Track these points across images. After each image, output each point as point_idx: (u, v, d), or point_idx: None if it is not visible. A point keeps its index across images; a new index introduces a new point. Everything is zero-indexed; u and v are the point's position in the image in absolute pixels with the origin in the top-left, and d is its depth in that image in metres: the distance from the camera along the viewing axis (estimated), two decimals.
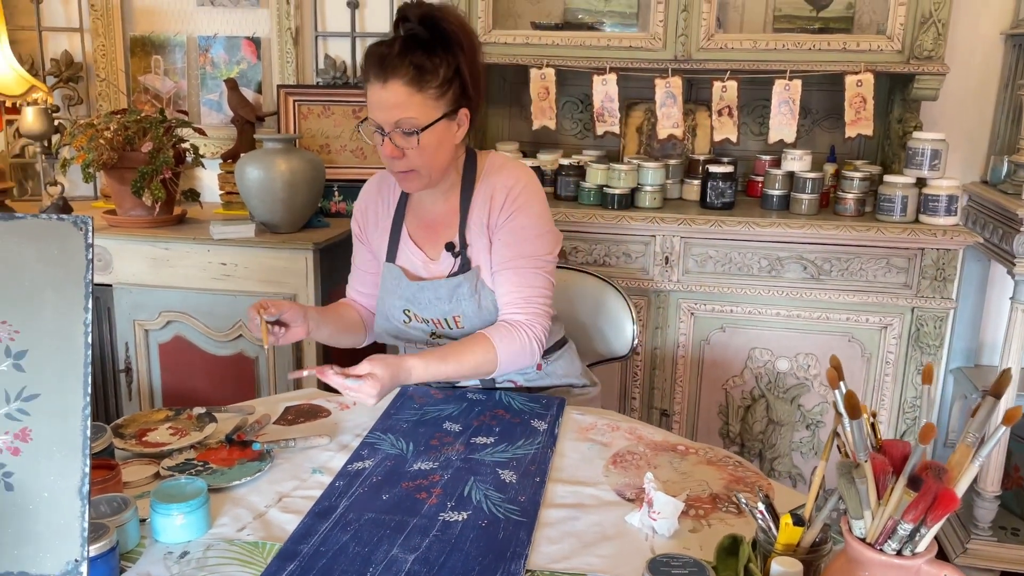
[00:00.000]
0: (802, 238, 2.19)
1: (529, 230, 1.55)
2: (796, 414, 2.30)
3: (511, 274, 1.55)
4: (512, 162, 1.62)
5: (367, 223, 1.69)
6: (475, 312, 1.58)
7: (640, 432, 1.47)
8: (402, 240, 1.64)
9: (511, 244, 1.55)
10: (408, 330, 1.64)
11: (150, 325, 2.46)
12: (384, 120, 1.45)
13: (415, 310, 1.61)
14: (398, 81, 1.41)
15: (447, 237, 1.60)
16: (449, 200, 1.61)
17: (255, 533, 1.13)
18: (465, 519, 1.15)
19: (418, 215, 1.64)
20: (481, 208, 1.57)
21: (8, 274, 0.89)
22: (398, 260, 1.64)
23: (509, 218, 1.54)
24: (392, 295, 1.63)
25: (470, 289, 1.57)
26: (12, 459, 0.90)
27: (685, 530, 1.15)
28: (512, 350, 1.51)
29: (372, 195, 1.70)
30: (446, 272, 1.59)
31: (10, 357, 0.90)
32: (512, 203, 1.55)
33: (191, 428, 1.42)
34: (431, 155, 1.48)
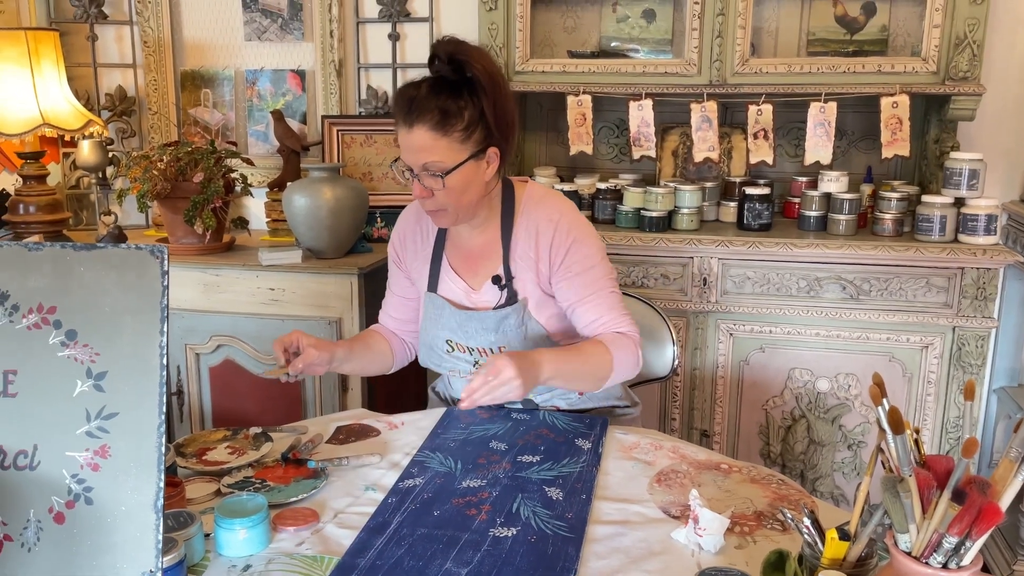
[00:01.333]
0: (840, 259, 2.21)
1: (593, 258, 1.58)
2: (837, 434, 2.30)
3: (595, 300, 1.57)
4: (550, 193, 1.65)
5: (405, 251, 1.72)
6: (520, 343, 1.60)
7: (683, 451, 1.49)
8: (443, 270, 1.66)
9: (582, 274, 1.57)
10: (450, 359, 1.66)
11: (201, 349, 2.53)
12: (412, 162, 1.48)
13: (459, 339, 1.64)
14: (423, 125, 1.45)
15: (489, 268, 1.63)
16: (488, 232, 1.63)
17: (313, 547, 1.17)
18: (514, 535, 1.19)
19: (457, 245, 1.67)
20: (526, 241, 1.59)
21: (90, 300, 0.96)
22: (440, 290, 1.66)
23: (569, 252, 1.57)
24: (435, 324, 1.65)
25: (517, 321, 1.60)
26: (92, 475, 0.96)
27: (731, 546, 1.17)
28: (623, 357, 1.53)
29: (411, 224, 1.72)
30: (491, 302, 1.62)
31: (91, 378, 0.96)
32: (566, 236, 1.57)
33: (248, 447, 1.48)
34: (459, 195, 1.51)
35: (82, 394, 0.96)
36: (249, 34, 2.91)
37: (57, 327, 0.96)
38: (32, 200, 2.63)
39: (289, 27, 2.88)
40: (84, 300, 0.96)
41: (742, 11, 2.32)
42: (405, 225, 1.73)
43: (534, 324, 1.61)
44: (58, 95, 2.61)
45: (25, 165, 2.65)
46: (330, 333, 2.43)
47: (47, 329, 0.95)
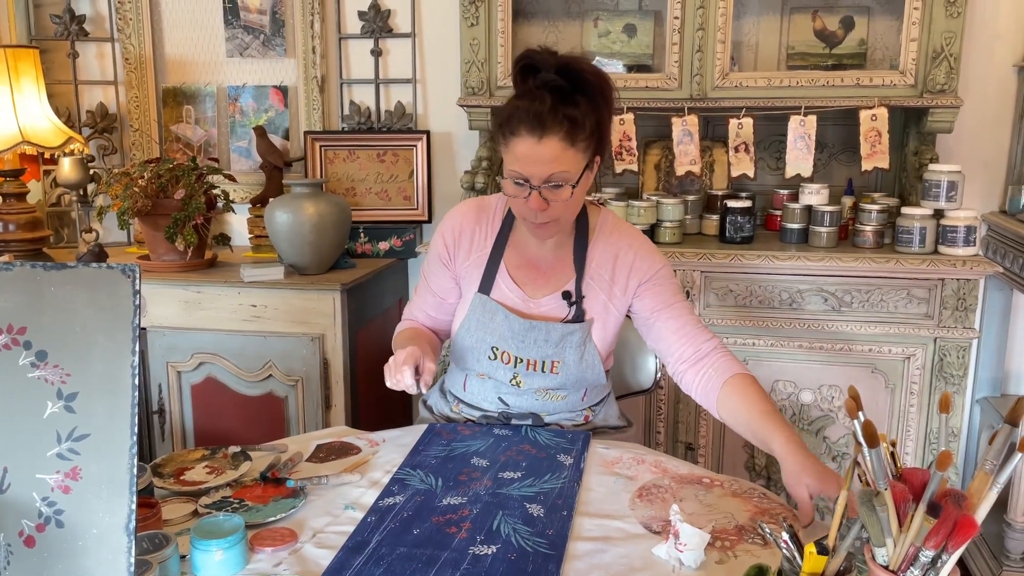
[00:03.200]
0: (822, 271, 2.22)
1: (671, 278, 1.63)
2: (822, 446, 2.30)
3: (678, 308, 1.59)
4: (623, 222, 1.68)
5: (459, 248, 1.66)
6: (576, 362, 1.60)
7: (665, 465, 1.49)
8: (499, 274, 1.63)
9: (663, 285, 1.60)
10: (488, 365, 1.63)
11: (183, 367, 2.52)
12: (536, 174, 1.44)
13: (509, 348, 1.60)
14: (554, 136, 1.41)
15: (554, 283, 1.62)
16: (560, 246, 1.62)
17: (291, 568, 1.16)
18: (494, 552, 1.18)
19: (519, 252, 1.64)
20: (604, 265, 1.60)
21: (61, 320, 0.95)
22: (492, 294, 1.62)
23: (655, 274, 1.60)
24: (483, 328, 1.61)
25: (580, 339, 1.59)
26: (63, 497, 0.94)
27: (712, 561, 1.17)
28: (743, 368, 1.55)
29: (470, 221, 1.66)
30: (553, 310, 1.61)
31: (62, 399, 0.94)
32: (650, 259, 1.61)
33: (226, 467, 1.46)
34: (575, 206, 1.52)
35: (52, 415, 0.95)
36: (231, 50, 2.91)
37: (27, 348, 0.95)
38: (12, 218, 2.61)
39: (271, 43, 2.88)
40: (55, 320, 0.95)
41: (722, 26, 2.34)
42: (463, 223, 1.67)
43: (592, 348, 1.61)
44: (38, 112, 2.60)
45: (5, 183, 2.63)
46: (313, 350, 2.42)
47: (16, 350, 0.94)
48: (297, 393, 2.47)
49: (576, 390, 1.65)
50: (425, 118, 2.85)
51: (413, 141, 2.79)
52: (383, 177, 2.83)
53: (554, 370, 1.60)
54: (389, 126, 2.85)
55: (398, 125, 2.84)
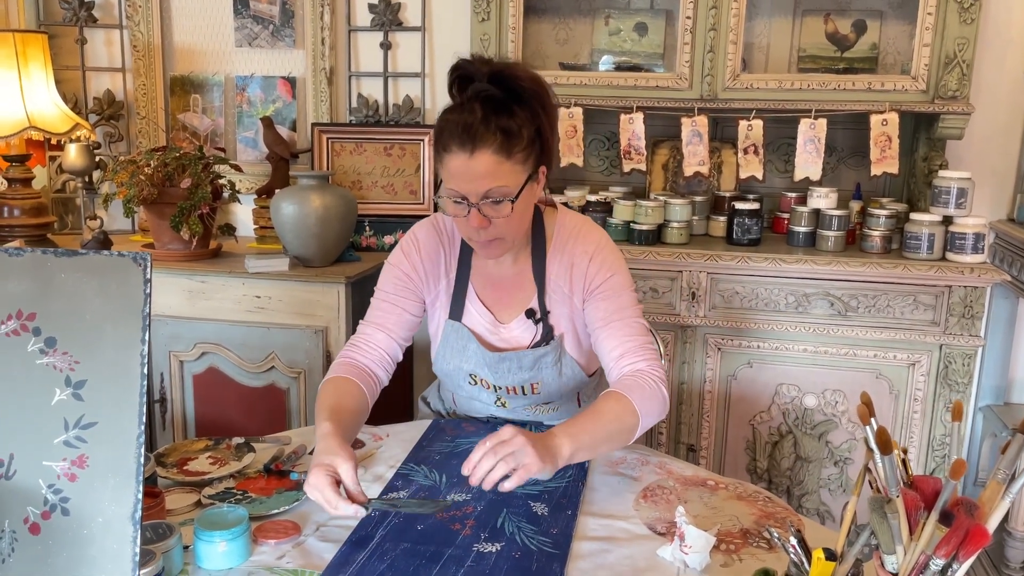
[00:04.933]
0: (829, 275, 2.21)
1: (623, 287, 1.50)
2: (824, 451, 2.30)
3: (618, 326, 1.46)
4: (583, 222, 1.57)
5: (424, 269, 1.55)
6: (554, 379, 1.55)
7: (670, 467, 1.48)
8: (468, 298, 1.55)
9: (611, 298, 1.48)
10: (470, 390, 1.61)
11: (185, 356, 2.51)
12: (471, 191, 1.35)
13: (486, 377, 1.56)
14: (487, 150, 1.32)
15: (519, 301, 1.54)
16: (519, 262, 1.54)
17: (294, 561, 1.16)
18: (499, 550, 1.17)
19: (483, 274, 1.56)
20: (561, 275, 1.51)
21: (71, 307, 0.94)
22: (464, 319, 1.56)
23: (604, 282, 1.48)
24: (458, 356, 1.56)
25: (554, 358, 1.54)
26: (69, 485, 0.94)
27: (716, 564, 1.16)
28: (647, 403, 1.38)
29: (433, 241, 1.56)
30: (521, 338, 1.54)
31: (70, 387, 0.94)
32: (601, 267, 1.49)
33: (230, 458, 1.46)
34: (518, 221, 1.42)
35: (60, 403, 0.94)
36: (240, 40, 2.90)
37: (36, 334, 0.94)
38: (17, 203, 2.60)
39: (280, 34, 2.87)
40: (64, 307, 0.94)
41: (733, 27, 2.33)
42: (427, 242, 1.56)
43: (569, 360, 1.55)
44: (45, 98, 2.59)
45: (10, 168, 2.62)
46: (316, 342, 2.41)
47: (25, 336, 0.94)
48: (299, 385, 2.46)
49: (567, 400, 1.64)
50: (433, 112, 2.83)
51: (420, 135, 2.79)
52: (389, 171, 2.82)
53: (535, 391, 1.57)
54: (397, 120, 2.84)
55: (406, 119, 2.83)
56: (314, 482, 1.19)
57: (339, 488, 1.19)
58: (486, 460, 1.19)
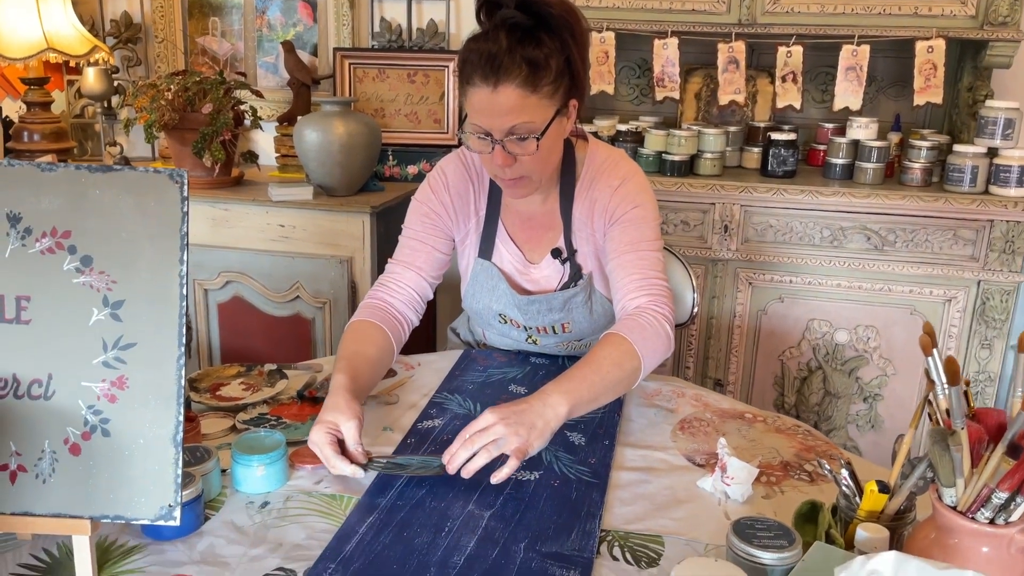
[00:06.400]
0: (866, 208, 2.15)
1: (645, 219, 1.42)
2: (854, 387, 2.27)
3: (630, 259, 1.39)
4: (613, 154, 1.48)
5: (453, 206, 1.50)
6: (585, 318, 1.52)
7: (706, 399, 1.46)
8: (498, 236, 1.50)
9: (629, 230, 1.40)
10: (501, 327, 1.58)
11: (209, 285, 2.50)
12: (495, 127, 1.28)
13: (516, 318, 1.53)
14: (511, 84, 1.24)
15: (549, 240, 1.50)
16: (548, 199, 1.48)
17: (332, 486, 1.15)
18: (537, 479, 1.16)
19: (514, 210, 1.50)
20: (586, 212, 1.45)
21: (106, 225, 0.91)
22: (494, 258, 1.51)
23: (626, 213, 1.41)
24: (488, 295, 1.53)
25: (583, 298, 1.50)
26: (109, 406, 0.92)
27: (758, 496, 1.15)
28: (649, 342, 1.31)
29: (462, 177, 1.50)
30: (550, 277, 1.50)
31: (108, 307, 0.92)
32: (624, 199, 1.41)
33: (262, 384, 1.45)
34: (545, 158, 1.34)
35: (98, 323, 0.92)
36: None
37: (72, 252, 0.91)
38: (37, 128, 2.57)
39: None
40: (100, 225, 0.91)
41: None
42: (455, 178, 1.50)
43: (599, 297, 1.51)
44: (63, 19, 2.52)
45: (29, 91, 2.57)
46: (341, 272, 2.39)
47: (61, 254, 0.91)
48: (324, 315, 2.45)
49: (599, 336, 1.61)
50: (458, 37, 2.75)
51: (445, 62, 2.71)
52: (413, 98, 2.75)
53: (566, 330, 1.54)
54: (420, 45, 2.76)
55: (430, 44, 2.75)
56: (315, 439, 1.15)
57: (340, 446, 1.15)
58: (463, 450, 1.12)
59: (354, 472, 1.13)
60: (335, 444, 1.15)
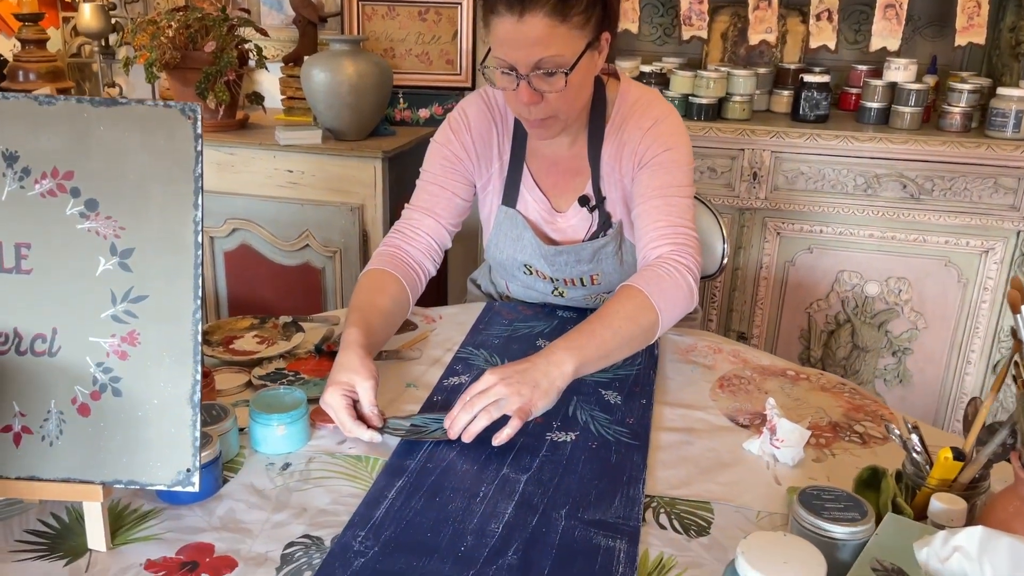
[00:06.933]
0: (903, 155, 2.06)
1: (678, 163, 1.32)
2: (883, 340, 2.20)
3: (657, 204, 1.29)
4: (646, 95, 1.37)
5: (475, 149, 1.40)
6: (615, 269, 1.44)
7: (744, 355, 1.39)
8: (523, 182, 1.41)
9: (658, 174, 1.30)
10: (525, 278, 1.50)
11: (215, 232, 2.41)
12: (521, 60, 1.18)
13: (543, 269, 1.45)
14: (538, 12, 1.14)
15: (576, 186, 1.40)
16: (576, 142, 1.38)
17: (356, 447, 1.08)
18: (573, 440, 1.10)
19: (540, 156, 1.41)
20: (615, 155, 1.35)
21: (112, 165, 0.82)
22: (518, 206, 1.42)
23: (657, 156, 1.31)
24: (513, 245, 1.44)
25: (613, 248, 1.41)
26: (120, 363, 0.85)
27: (808, 459, 1.08)
28: (668, 295, 1.22)
29: (484, 118, 1.40)
30: (577, 226, 1.42)
31: (116, 255, 0.84)
32: (655, 140, 1.31)
33: (277, 337, 1.37)
34: (575, 96, 1.24)
35: (106, 273, 0.84)
36: None
37: (75, 195, 0.83)
38: (32, 67, 2.45)
39: None
40: (105, 165, 0.83)
41: None
42: (477, 119, 1.40)
43: (629, 247, 1.42)
44: None
45: (23, 28, 2.45)
46: (352, 220, 2.30)
47: (63, 197, 0.83)
48: (335, 265, 2.37)
49: None
50: None
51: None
52: (424, 38, 2.63)
53: (594, 282, 1.47)
54: None
55: None
56: (329, 401, 1.07)
57: (355, 409, 1.08)
58: (463, 413, 1.05)
59: (371, 437, 1.07)
60: (351, 407, 1.08)
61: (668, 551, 0.90)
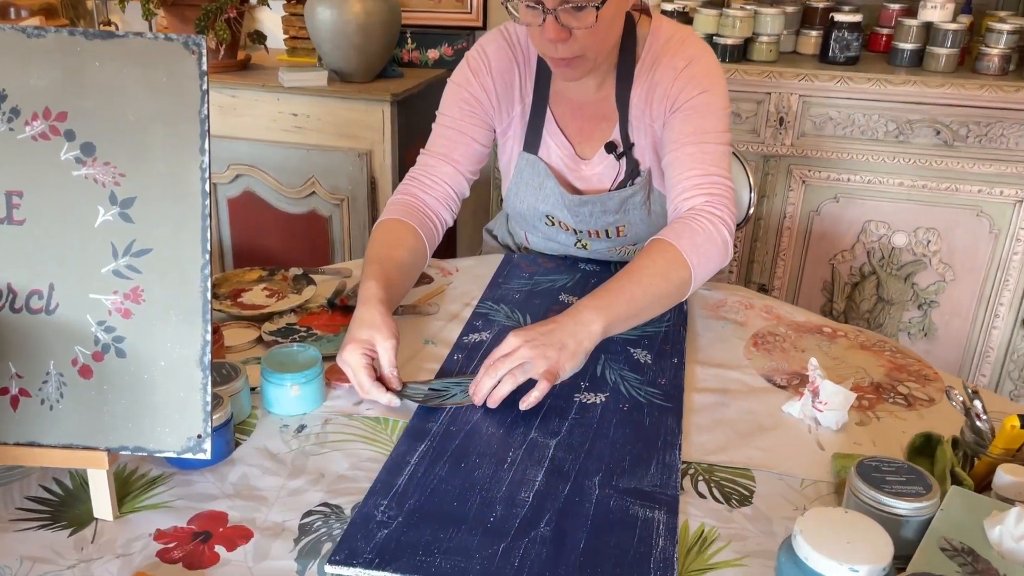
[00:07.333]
0: (938, 99, 1.96)
1: (713, 107, 1.23)
2: (909, 293, 2.14)
3: (691, 151, 1.21)
4: (679, 33, 1.27)
5: (495, 91, 1.31)
6: (643, 220, 1.36)
7: (777, 311, 1.32)
8: (546, 127, 1.33)
9: (692, 119, 1.22)
10: (547, 230, 1.43)
11: (218, 178, 2.33)
12: None
13: (566, 220, 1.37)
14: None
15: (602, 132, 1.32)
16: (604, 84, 1.29)
17: (374, 408, 1.03)
18: (604, 402, 1.04)
19: (565, 99, 1.32)
20: (645, 98, 1.26)
21: (109, 105, 0.75)
22: (540, 152, 1.35)
23: (691, 99, 1.22)
24: (533, 194, 1.37)
25: (641, 199, 1.33)
26: (123, 322, 0.79)
27: (852, 423, 1.02)
28: (700, 247, 1.15)
29: (505, 58, 1.31)
30: (603, 175, 1.34)
31: (116, 205, 0.76)
32: (689, 83, 1.22)
33: (288, 290, 1.31)
34: (605, 33, 1.15)
35: (105, 224, 0.77)
36: None
37: (69, 138, 0.76)
38: (24, 2, 2.34)
39: None
40: (101, 105, 0.75)
41: None
42: (498, 58, 1.31)
43: (658, 196, 1.34)
44: None
45: None
46: (360, 166, 2.22)
47: (57, 140, 0.75)
48: (342, 213, 2.30)
49: None
50: None
51: None
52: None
53: (620, 233, 1.39)
54: None
55: None
56: (349, 359, 1.01)
57: (373, 369, 1.02)
58: (486, 379, 1.00)
59: (389, 401, 1.01)
60: (370, 367, 1.02)
61: (709, 522, 0.85)
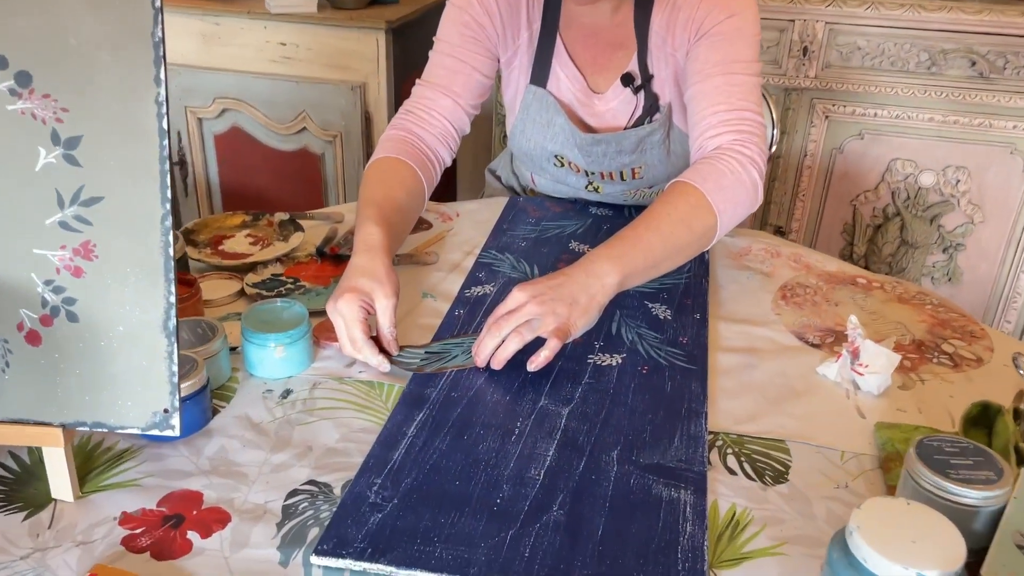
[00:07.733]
0: (977, 27, 1.81)
1: (742, 33, 1.10)
2: (934, 235, 2.03)
3: (718, 83, 1.08)
4: None
5: (500, 15, 1.19)
6: (661, 161, 1.24)
7: (806, 260, 1.22)
8: (555, 57, 1.21)
9: (719, 46, 1.09)
10: (555, 171, 1.31)
11: (203, 113, 2.20)
12: None
13: (577, 161, 1.26)
14: None
15: (617, 62, 1.20)
16: (621, 8, 1.17)
17: (368, 371, 0.93)
18: (620, 364, 0.94)
19: (576, 25, 1.21)
20: (666, 24, 1.14)
21: (46, 26, 0.63)
22: (549, 85, 1.23)
23: (717, 24, 1.09)
24: (541, 132, 1.26)
25: (661, 137, 1.21)
26: (73, 281, 0.68)
27: (894, 387, 0.93)
28: (726, 190, 1.03)
29: None
30: (617, 111, 1.22)
31: (59, 145, 0.65)
32: (715, 7, 1.09)
33: (273, 237, 1.20)
34: None
35: (48, 167, 0.66)
36: None
37: (2, 66, 0.64)
38: None
39: None
40: (36, 24, 0.63)
41: None
42: None
43: (679, 135, 1.22)
44: None
45: None
46: (353, 100, 2.08)
47: None
48: (335, 150, 2.17)
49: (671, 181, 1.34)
50: None
51: None
52: None
53: (636, 175, 1.27)
54: None
55: None
56: (343, 311, 0.90)
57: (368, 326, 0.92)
58: (490, 337, 0.90)
59: (379, 364, 0.91)
60: (366, 322, 0.91)
61: (741, 503, 0.76)
